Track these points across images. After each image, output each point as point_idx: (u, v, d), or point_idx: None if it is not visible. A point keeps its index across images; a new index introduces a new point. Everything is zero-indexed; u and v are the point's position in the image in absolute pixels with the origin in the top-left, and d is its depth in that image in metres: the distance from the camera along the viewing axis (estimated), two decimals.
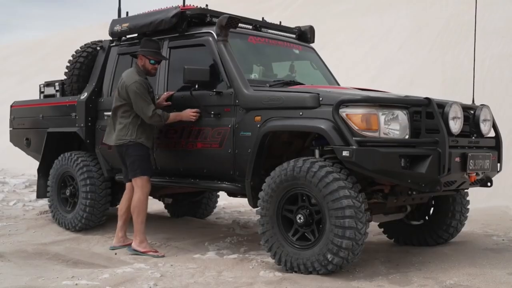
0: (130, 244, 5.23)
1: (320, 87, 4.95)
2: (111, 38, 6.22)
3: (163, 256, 4.98)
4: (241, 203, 7.97)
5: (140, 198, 5.10)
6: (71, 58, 6.42)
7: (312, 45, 6.24)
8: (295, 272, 4.25)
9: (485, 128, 4.64)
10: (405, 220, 5.27)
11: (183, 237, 5.80)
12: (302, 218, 4.26)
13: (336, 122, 4.08)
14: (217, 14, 5.32)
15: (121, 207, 5.38)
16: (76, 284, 4.07)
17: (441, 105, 4.23)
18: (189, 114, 4.99)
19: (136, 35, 5.91)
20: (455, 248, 5.00)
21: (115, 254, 5.21)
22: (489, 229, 5.99)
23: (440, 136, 4.06)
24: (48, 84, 6.94)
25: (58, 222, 6.34)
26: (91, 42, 6.53)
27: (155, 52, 5.17)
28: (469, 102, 4.99)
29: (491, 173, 4.69)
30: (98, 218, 6.10)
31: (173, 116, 5.04)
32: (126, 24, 5.88)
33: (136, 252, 5.07)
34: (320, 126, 4.18)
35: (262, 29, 5.75)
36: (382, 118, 4.06)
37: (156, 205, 7.72)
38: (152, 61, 5.16)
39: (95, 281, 4.16)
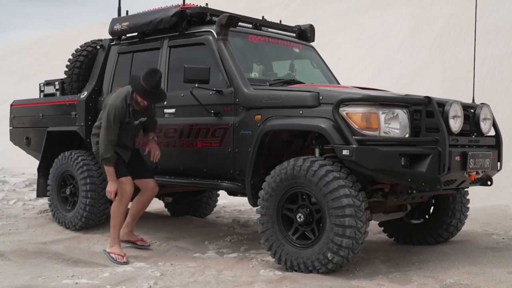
0: (135, 242, 5.26)
1: (320, 86, 4.95)
2: (111, 37, 6.22)
3: (126, 263, 4.74)
4: (241, 202, 7.98)
5: (118, 204, 4.96)
6: (71, 57, 6.41)
7: (312, 44, 6.24)
8: (295, 271, 4.25)
9: (485, 127, 4.64)
10: (405, 219, 5.27)
11: (183, 236, 5.81)
12: (302, 217, 4.26)
13: (336, 121, 4.08)
14: (217, 13, 5.32)
15: (132, 206, 5.25)
16: (76, 283, 4.07)
17: (441, 104, 4.23)
18: (110, 188, 4.86)
19: (136, 34, 5.90)
20: (455, 247, 5.00)
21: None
22: (489, 228, 5.99)
23: (440, 135, 4.06)
24: (48, 83, 6.94)
25: (58, 221, 6.34)
26: (91, 41, 6.52)
27: (149, 94, 4.78)
28: (469, 101, 4.99)
29: (491, 172, 4.69)
30: (98, 217, 6.09)
31: (109, 173, 4.83)
32: (126, 23, 5.88)
33: (105, 253, 4.95)
34: (320, 125, 4.18)
35: (262, 28, 5.74)
36: (382, 117, 4.06)
37: (156, 204, 7.72)
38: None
39: (95, 280, 4.16)
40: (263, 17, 6.03)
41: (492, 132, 4.79)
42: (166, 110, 5.36)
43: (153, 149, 5.14)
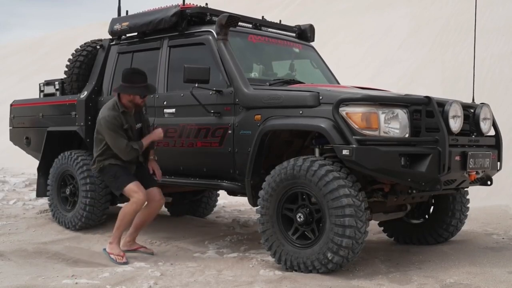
0: (137, 249, 5.11)
1: (320, 85, 4.95)
2: (111, 37, 6.22)
3: (125, 263, 4.68)
4: (241, 202, 7.98)
5: (130, 209, 4.84)
6: (71, 57, 6.41)
7: (312, 43, 6.24)
8: (295, 271, 4.25)
9: (485, 127, 4.64)
10: (405, 219, 5.27)
11: (183, 236, 5.80)
12: (302, 217, 4.26)
13: (336, 121, 4.08)
14: (217, 13, 5.32)
15: (137, 216, 5.00)
16: (76, 283, 4.07)
17: (441, 104, 4.23)
18: (159, 133, 4.97)
19: (136, 34, 5.90)
20: (455, 246, 5.00)
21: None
22: (489, 228, 5.99)
23: (440, 134, 4.05)
24: (48, 83, 6.94)
25: (58, 221, 6.34)
26: (91, 41, 6.52)
27: (144, 88, 4.85)
28: (469, 101, 4.99)
29: (491, 172, 4.69)
30: (98, 217, 6.09)
31: (146, 140, 4.92)
32: (126, 23, 5.88)
33: (105, 253, 4.89)
34: (320, 125, 4.18)
35: (262, 28, 5.74)
36: (382, 117, 4.06)
37: None
38: (142, 95, 4.89)
39: (95, 280, 4.16)
40: (263, 17, 6.03)
41: (492, 132, 4.79)
42: (166, 110, 5.36)
43: (156, 168, 5.10)
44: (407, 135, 4.14)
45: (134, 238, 5.16)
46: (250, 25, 5.63)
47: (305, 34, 6.14)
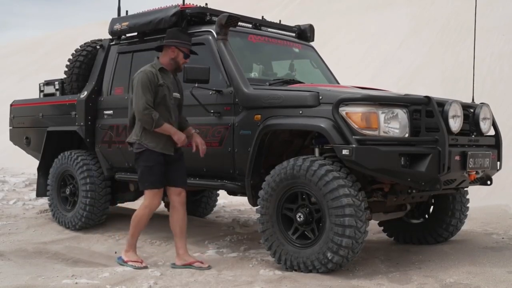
0: (192, 264, 4.57)
1: (320, 85, 4.95)
2: (110, 37, 6.22)
3: (145, 268, 4.52)
4: (241, 201, 7.97)
5: (143, 213, 4.59)
6: (71, 57, 6.41)
7: (311, 43, 6.23)
8: (295, 270, 4.26)
9: (485, 127, 4.64)
10: (405, 219, 5.27)
11: None
12: (302, 216, 4.26)
13: (336, 120, 4.08)
14: (216, 12, 5.32)
15: (172, 223, 4.71)
16: (76, 283, 4.07)
17: (441, 104, 4.23)
18: (182, 138, 4.52)
19: (136, 33, 5.90)
20: (455, 246, 5.00)
21: (115, 253, 5.22)
22: (489, 228, 5.99)
23: (440, 134, 4.06)
24: (48, 83, 6.94)
25: (58, 221, 6.34)
26: (90, 41, 6.52)
27: (190, 46, 4.64)
28: (469, 101, 4.99)
29: (491, 172, 4.69)
30: (98, 217, 6.10)
31: (167, 128, 4.47)
32: (126, 23, 5.88)
33: (120, 261, 4.64)
34: (320, 125, 4.18)
35: (262, 27, 5.74)
36: (382, 117, 4.06)
37: None
38: (185, 55, 4.61)
39: (95, 280, 4.16)
40: (262, 17, 6.03)
41: (492, 132, 4.79)
42: None
43: (200, 143, 4.65)
44: (407, 135, 4.14)
45: (185, 249, 4.68)
46: (250, 25, 5.63)
47: (305, 34, 6.14)
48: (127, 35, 6.04)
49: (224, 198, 8.05)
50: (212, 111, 4.91)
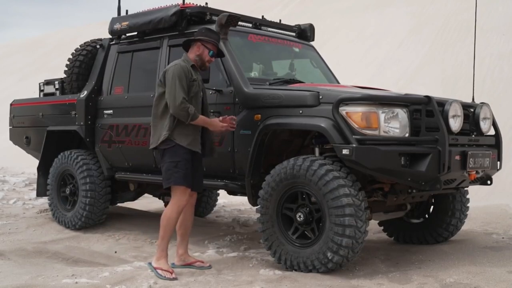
0: (192, 264, 4.56)
1: (320, 85, 4.95)
2: (110, 37, 6.22)
3: (175, 279, 4.19)
4: (241, 201, 7.98)
5: (172, 212, 4.37)
6: (71, 57, 6.41)
7: (312, 43, 6.23)
8: (295, 270, 4.25)
9: (485, 126, 4.64)
10: (405, 218, 5.27)
11: None
12: (302, 216, 4.26)
13: (336, 120, 4.08)
14: (216, 12, 5.31)
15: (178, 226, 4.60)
16: (76, 283, 4.07)
17: (441, 103, 4.23)
18: (218, 125, 4.39)
19: (135, 33, 5.90)
20: (455, 246, 5.00)
21: (115, 252, 5.22)
22: (489, 227, 5.99)
23: (440, 134, 4.05)
24: (48, 82, 6.94)
25: (58, 220, 6.34)
26: (90, 40, 6.52)
27: (217, 44, 4.53)
28: (469, 100, 4.99)
29: (491, 171, 4.69)
30: (98, 217, 6.09)
31: (202, 120, 4.34)
32: (126, 23, 5.87)
33: (151, 267, 4.35)
34: (320, 125, 4.18)
35: (262, 27, 5.74)
36: (382, 116, 4.06)
37: (156, 204, 7.73)
38: (211, 53, 4.46)
39: (95, 279, 4.16)
40: (262, 16, 6.03)
41: (492, 132, 4.79)
42: None
43: (233, 118, 4.50)
44: (407, 135, 4.14)
45: (186, 250, 4.65)
46: (250, 25, 5.63)
47: (305, 33, 6.14)
48: (127, 34, 6.03)
49: (224, 198, 8.05)
50: (212, 110, 4.90)
